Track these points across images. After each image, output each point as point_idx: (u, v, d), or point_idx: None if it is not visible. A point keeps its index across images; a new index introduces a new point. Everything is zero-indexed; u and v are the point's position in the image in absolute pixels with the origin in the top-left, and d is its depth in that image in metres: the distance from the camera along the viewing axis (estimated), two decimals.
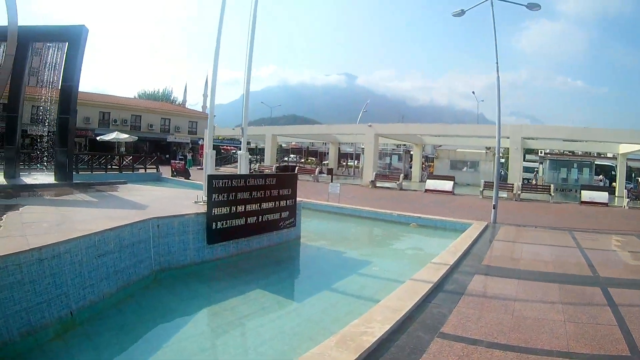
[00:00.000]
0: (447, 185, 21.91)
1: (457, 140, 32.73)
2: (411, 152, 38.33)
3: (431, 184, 22.54)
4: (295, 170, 27.56)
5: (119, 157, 25.63)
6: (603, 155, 35.07)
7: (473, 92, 47.73)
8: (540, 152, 38.85)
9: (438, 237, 10.70)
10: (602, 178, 30.78)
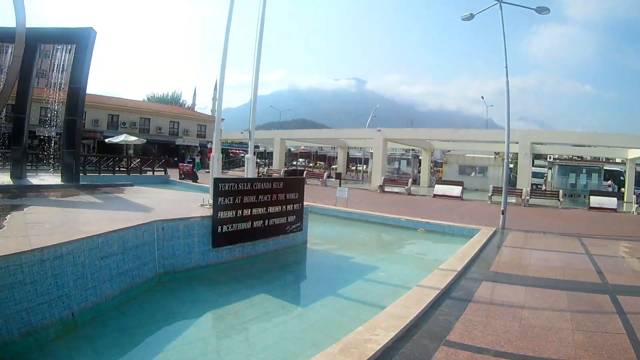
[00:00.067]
0: (455, 190, 21.72)
1: (466, 145, 32.56)
2: (420, 157, 38.18)
3: (440, 189, 22.37)
4: (304, 175, 27.49)
5: (127, 159, 25.65)
6: (612, 160, 34.65)
7: (482, 97, 47.46)
8: (549, 157, 38.47)
9: (446, 243, 10.55)
10: (611, 183, 30.41)
